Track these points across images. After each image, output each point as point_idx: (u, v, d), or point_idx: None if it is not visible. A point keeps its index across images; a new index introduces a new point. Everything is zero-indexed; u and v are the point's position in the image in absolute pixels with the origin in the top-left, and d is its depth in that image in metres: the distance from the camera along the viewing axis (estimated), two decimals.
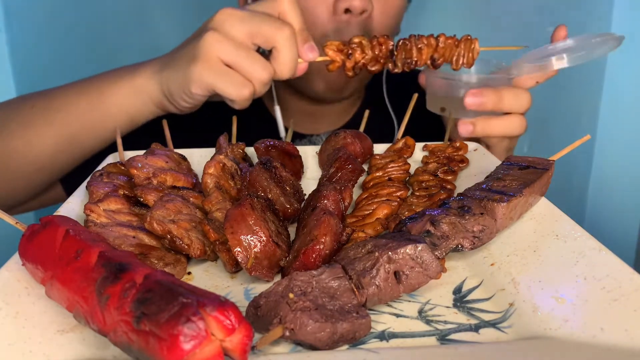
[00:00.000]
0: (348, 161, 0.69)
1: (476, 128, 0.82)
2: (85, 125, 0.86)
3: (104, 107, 0.84)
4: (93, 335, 0.45)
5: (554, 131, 1.49)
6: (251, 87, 0.76)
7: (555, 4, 1.43)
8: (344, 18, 0.91)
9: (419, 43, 0.84)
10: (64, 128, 0.86)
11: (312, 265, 0.52)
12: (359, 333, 0.45)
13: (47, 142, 0.86)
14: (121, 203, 0.63)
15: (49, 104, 0.87)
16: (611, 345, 0.41)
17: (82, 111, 0.85)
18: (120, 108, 0.84)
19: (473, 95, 0.80)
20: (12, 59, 1.36)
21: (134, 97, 0.83)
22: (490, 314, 0.49)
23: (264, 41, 0.76)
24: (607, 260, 0.49)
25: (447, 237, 0.54)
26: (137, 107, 0.84)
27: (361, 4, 0.89)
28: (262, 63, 0.76)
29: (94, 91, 0.85)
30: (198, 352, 0.36)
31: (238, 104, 0.79)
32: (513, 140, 0.89)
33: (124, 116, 0.85)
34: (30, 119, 0.87)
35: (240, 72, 0.76)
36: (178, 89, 0.79)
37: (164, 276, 0.42)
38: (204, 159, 0.71)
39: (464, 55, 0.84)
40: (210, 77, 0.75)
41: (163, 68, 0.81)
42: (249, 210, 0.54)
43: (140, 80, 0.83)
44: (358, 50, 0.83)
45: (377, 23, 0.94)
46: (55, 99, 0.88)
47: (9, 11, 1.34)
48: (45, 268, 0.47)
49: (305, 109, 1.10)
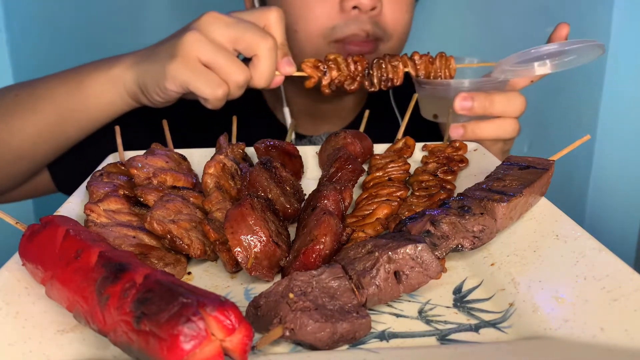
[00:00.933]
0: (348, 161, 0.69)
1: (466, 131, 0.82)
2: (65, 114, 0.87)
3: (82, 96, 0.86)
4: (93, 335, 0.45)
5: (554, 131, 1.49)
6: (226, 87, 0.77)
7: (555, 4, 1.43)
8: (353, 14, 0.91)
9: (393, 61, 0.86)
10: (46, 116, 0.87)
11: (312, 265, 0.52)
12: (359, 333, 0.45)
13: (29, 130, 0.87)
14: (121, 203, 0.63)
15: (32, 92, 0.88)
16: (611, 345, 0.41)
17: (62, 100, 0.87)
18: (96, 98, 0.85)
19: (463, 99, 0.80)
20: (12, 59, 1.36)
21: (109, 87, 0.84)
22: (490, 314, 0.49)
23: (246, 47, 0.77)
24: (607, 260, 0.49)
25: (447, 237, 0.54)
26: (112, 97, 0.85)
27: (370, 2, 0.89)
28: (239, 66, 0.77)
29: (73, 81, 0.86)
30: (198, 352, 0.36)
31: (211, 103, 0.79)
32: (507, 143, 0.89)
33: (101, 106, 0.86)
34: (13, 107, 0.88)
35: (217, 72, 0.76)
36: (153, 82, 0.79)
37: (164, 276, 0.42)
38: (204, 159, 0.71)
39: (442, 72, 0.87)
40: (186, 74, 0.76)
41: (141, 61, 0.82)
42: (249, 210, 0.54)
43: (117, 71, 0.84)
44: (334, 67, 0.85)
45: (389, 19, 0.94)
46: (38, 88, 0.89)
47: (9, 11, 1.34)
48: (45, 268, 0.47)
49: (309, 109, 1.10)
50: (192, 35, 0.76)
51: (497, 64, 0.84)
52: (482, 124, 0.82)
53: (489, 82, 0.85)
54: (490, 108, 0.81)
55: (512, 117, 0.83)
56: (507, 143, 0.89)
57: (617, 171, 1.54)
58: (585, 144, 0.66)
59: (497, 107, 0.81)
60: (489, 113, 0.82)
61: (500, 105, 0.81)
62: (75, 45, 1.41)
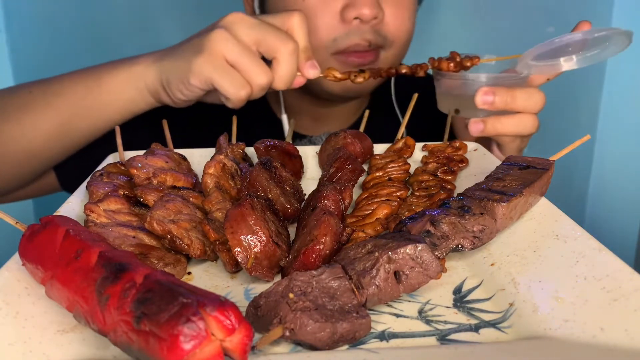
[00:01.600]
0: (348, 161, 0.69)
1: (487, 126, 0.81)
2: (80, 112, 0.86)
3: (100, 94, 0.85)
4: (93, 335, 0.45)
5: (554, 131, 1.49)
6: (249, 89, 0.77)
7: (555, 4, 1.43)
8: (354, 24, 0.91)
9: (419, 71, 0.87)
10: (59, 113, 0.86)
11: (312, 265, 0.52)
12: (359, 333, 0.45)
13: (42, 127, 0.87)
14: (121, 203, 0.63)
15: (47, 89, 0.88)
16: (611, 345, 0.41)
17: (79, 97, 0.86)
18: (116, 95, 0.85)
19: (485, 94, 0.79)
20: (12, 59, 1.36)
21: (130, 84, 0.84)
22: (490, 314, 0.49)
23: (267, 50, 0.77)
24: (607, 260, 0.49)
25: (447, 237, 0.54)
26: (132, 95, 0.85)
27: (371, 12, 0.89)
28: (263, 68, 0.77)
29: (92, 78, 0.86)
30: (198, 352, 0.36)
31: (232, 103, 0.79)
32: (524, 140, 0.88)
33: (119, 103, 0.85)
34: (26, 103, 0.87)
35: (242, 73, 0.76)
36: (177, 78, 0.79)
37: (164, 276, 0.42)
38: (204, 159, 0.71)
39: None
40: (211, 71, 0.75)
41: (164, 57, 0.82)
42: (249, 210, 0.54)
43: (139, 68, 0.83)
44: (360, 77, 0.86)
45: (391, 26, 0.94)
46: (53, 84, 0.88)
47: (9, 11, 1.34)
48: (45, 268, 0.47)
49: (310, 111, 1.10)
50: (220, 34, 0.75)
51: (521, 57, 0.82)
52: (503, 119, 0.81)
53: (509, 78, 0.83)
54: (511, 103, 0.80)
55: (532, 112, 0.82)
56: (524, 141, 0.88)
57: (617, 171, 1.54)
58: (585, 144, 0.66)
59: (519, 103, 0.80)
60: (510, 108, 0.80)
61: (521, 100, 0.80)
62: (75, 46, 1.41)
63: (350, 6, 0.89)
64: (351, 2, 0.89)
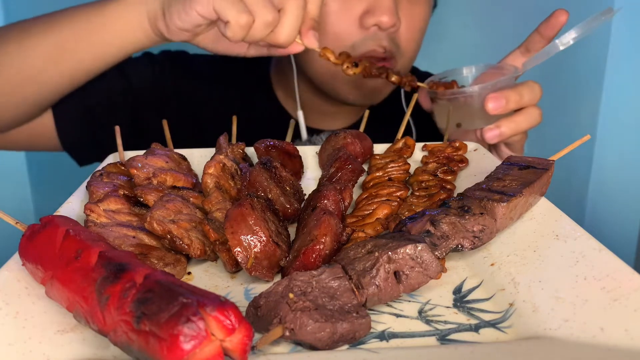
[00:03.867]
0: (348, 161, 0.69)
1: (502, 130, 0.82)
2: (80, 34, 0.86)
3: (100, 18, 0.85)
4: (93, 335, 0.45)
5: (554, 131, 1.49)
6: (251, 18, 0.74)
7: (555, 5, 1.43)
8: (371, 31, 0.91)
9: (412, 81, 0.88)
10: (59, 35, 0.87)
11: (312, 265, 0.52)
12: (359, 333, 0.45)
13: (41, 49, 0.87)
14: (121, 203, 0.63)
15: (50, 16, 0.89)
16: (611, 345, 0.41)
17: (79, 21, 0.86)
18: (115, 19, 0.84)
19: (495, 100, 0.80)
20: None
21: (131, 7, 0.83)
22: (490, 314, 0.49)
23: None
24: (607, 260, 0.49)
25: (447, 237, 0.54)
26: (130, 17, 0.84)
27: (390, 20, 0.89)
28: (270, 6, 0.75)
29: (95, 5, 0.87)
30: (198, 352, 0.36)
31: (231, 30, 0.75)
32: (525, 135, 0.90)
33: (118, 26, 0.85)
34: (28, 27, 0.88)
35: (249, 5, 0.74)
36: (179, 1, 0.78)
37: (164, 276, 0.42)
38: (204, 159, 0.71)
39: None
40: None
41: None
42: (249, 210, 0.54)
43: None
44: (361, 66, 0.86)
45: (403, 37, 0.95)
46: (56, 13, 0.89)
47: (9, 11, 1.34)
48: (45, 268, 0.47)
49: (320, 107, 1.10)
50: None
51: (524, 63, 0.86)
52: (515, 118, 0.82)
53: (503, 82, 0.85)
54: (521, 100, 0.82)
55: (535, 104, 0.84)
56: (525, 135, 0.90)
57: (617, 171, 1.54)
58: (585, 144, 0.66)
59: (526, 98, 0.82)
60: (520, 105, 0.82)
61: (527, 95, 0.82)
62: None
63: (370, 13, 0.90)
64: (371, 9, 0.90)
